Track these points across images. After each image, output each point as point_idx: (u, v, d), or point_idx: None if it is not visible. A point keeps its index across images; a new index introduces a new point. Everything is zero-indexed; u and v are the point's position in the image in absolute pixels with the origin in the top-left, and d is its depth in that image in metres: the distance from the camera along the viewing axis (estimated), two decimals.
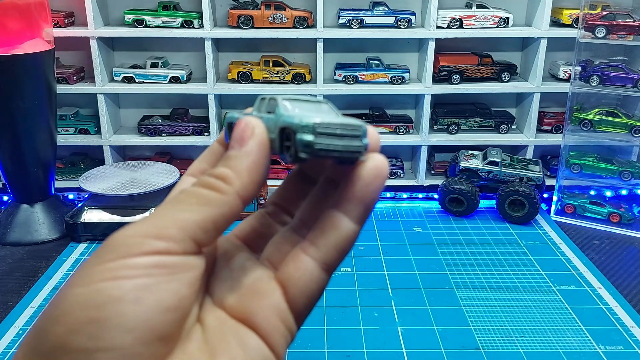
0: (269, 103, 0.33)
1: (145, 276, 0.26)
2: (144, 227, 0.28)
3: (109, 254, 0.27)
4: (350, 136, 0.29)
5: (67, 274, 0.91)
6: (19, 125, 0.98)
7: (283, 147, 0.30)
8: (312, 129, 0.28)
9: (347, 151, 0.29)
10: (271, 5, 1.15)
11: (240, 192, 0.29)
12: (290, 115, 0.30)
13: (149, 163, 1.17)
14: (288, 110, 0.30)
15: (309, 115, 0.30)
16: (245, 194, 0.29)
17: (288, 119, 0.29)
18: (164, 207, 0.29)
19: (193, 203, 0.29)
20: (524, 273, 0.92)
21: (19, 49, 0.94)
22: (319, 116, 0.29)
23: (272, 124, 0.30)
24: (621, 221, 1.08)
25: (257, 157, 0.30)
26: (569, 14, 1.17)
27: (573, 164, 1.15)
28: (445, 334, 0.77)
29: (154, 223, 0.28)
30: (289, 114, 0.30)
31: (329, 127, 0.29)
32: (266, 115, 0.31)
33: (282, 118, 0.30)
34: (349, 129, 0.29)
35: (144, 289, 0.26)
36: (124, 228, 0.28)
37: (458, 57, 1.21)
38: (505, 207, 1.09)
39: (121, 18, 1.18)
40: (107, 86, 1.19)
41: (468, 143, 1.23)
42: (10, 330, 0.77)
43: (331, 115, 0.31)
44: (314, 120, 0.28)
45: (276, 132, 0.30)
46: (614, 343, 0.75)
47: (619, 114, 1.12)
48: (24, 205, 1.04)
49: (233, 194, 0.29)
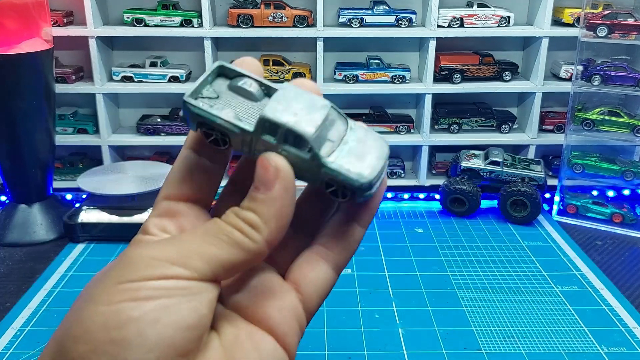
0: (247, 88, 0.30)
1: (166, 297, 0.27)
2: (169, 251, 0.28)
3: (130, 273, 0.27)
4: (382, 171, 0.31)
5: (65, 275, 0.90)
6: (17, 125, 0.97)
7: (323, 186, 0.30)
8: (370, 185, 0.29)
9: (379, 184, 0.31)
10: (271, 4, 1.15)
11: (268, 240, 0.29)
12: (338, 166, 0.29)
13: (148, 163, 1.16)
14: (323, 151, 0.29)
15: (351, 161, 0.29)
16: (273, 241, 0.30)
17: (340, 175, 0.29)
18: (193, 235, 0.30)
19: (223, 241, 0.29)
20: (525, 274, 0.91)
21: (17, 48, 0.94)
22: (365, 163, 0.29)
23: (305, 164, 0.29)
24: (624, 221, 1.08)
25: (284, 202, 0.29)
26: (571, 13, 1.17)
27: (575, 164, 1.14)
28: (447, 335, 0.76)
29: (179, 250, 0.28)
30: (335, 165, 0.29)
31: (378, 176, 0.30)
32: (289, 149, 0.29)
33: (327, 170, 0.29)
34: (383, 169, 0.30)
35: (164, 309, 0.26)
36: (147, 246, 0.29)
37: (459, 56, 1.20)
38: (507, 208, 1.09)
39: (120, 17, 1.18)
40: (106, 86, 1.18)
41: (469, 143, 1.23)
42: (8, 332, 0.77)
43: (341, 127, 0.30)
44: (371, 176, 0.29)
45: (317, 177, 0.30)
46: (617, 344, 0.75)
47: (621, 113, 1.12)
48: (22, 205, 1.03)
49: (262, 243, 0.29)
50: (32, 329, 0.77)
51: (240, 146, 0.30)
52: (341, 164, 0.29)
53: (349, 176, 0.29)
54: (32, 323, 0.79)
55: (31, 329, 0.77)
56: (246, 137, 0.29)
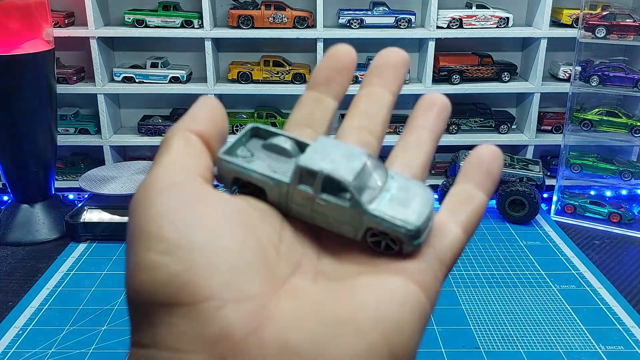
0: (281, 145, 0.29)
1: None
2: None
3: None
4: (429, 221, 0.27)
5: (67, 274, 0.91)
6: (19, 125, 0.98)
7: (366, 238, 0.27)
8: (418, 232, 0.26)
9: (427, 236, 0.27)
10: (271, 5, 1.15)
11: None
12: (381, 212, 0.27)
13: (149, 163, 1.17)
14: (364, 198, 0.27)
15: (395, 207, 0.27)
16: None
17: (384, 222, 0.26)
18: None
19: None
20: (524, 273, 0.92)
21: (19, 49, 0.94)
22: (410, 209, 0.27)
23: (345, 215, 0.27)
24: (621, 221, 1.08)
25: None
26: (569, 14, 1.17)
27: (573, 164, 1.14)
28: (446, 333, 0.77)
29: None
30: (378, 212, 0.27)
31: (425, 223, 0.27)
32: (328, 198, 0.27)
33: (369, 217, 0.27)
34: (430, 216, 0.27)
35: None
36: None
37: (458, 57, 1.21)
38: (506, 207, 1.09)
39: (121, 18, 1.18)
40: (107, 86, 1.19)
41: (468, 143, 1.23)
42: (11, 330, 0.77)
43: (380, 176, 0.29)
44: (418, 222, 0.26)
45: (359, 227, 0.27)
46: (614, 343, 0.75)
47: (619, 114, 1.12)
48: (24, 205, 1.03)
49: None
50: (34, 328, 0.78)
51: (276, 200, 0.28)
52: (384, 210, 0.27)
53: (394, 222, 0.26)
54: (34, 322, 0.79)
55: (33, 328, 0.78)
56: (282, 189, 0.28)
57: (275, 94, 1.21)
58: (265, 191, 0.28)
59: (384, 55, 0.35)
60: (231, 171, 0.29)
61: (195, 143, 0.28)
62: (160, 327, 0.23)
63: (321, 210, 0.28)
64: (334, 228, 0.28)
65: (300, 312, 0.23)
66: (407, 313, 0.25)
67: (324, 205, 0.27)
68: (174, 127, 0.28)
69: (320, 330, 0.23)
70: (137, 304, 0.24)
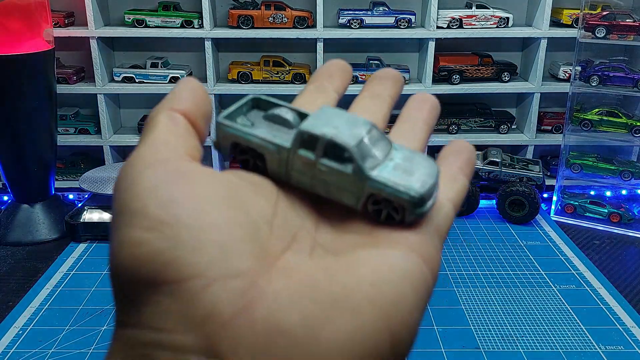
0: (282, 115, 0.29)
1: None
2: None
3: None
4: (433, 193, 0.27)
5: (67, 274, 0.91)
6: (19, 125, 0.97)
7: (367, 206, 0.26)
8: (422, 200, 0.26)
9: (430, 209, 0.27)
10: (271, 5, 1.15)
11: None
12: (384, 179, 0.26)
13: None
14: (368, 165, 0.26)
15: (398, 175, 0.26)
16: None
17: (387, 188, 0.26)
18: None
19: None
20: (524, 273, 0.92)
21: (19, 49, 0.94)
22: (414, 177, 0.26)
23: (347, 181, 0.26)
24: (621, 221, 1.08)
25: None
26: (569, 14, 1.17)
27: (573, 164, 1.14)
28: (446, 333, 0.76)
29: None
30: (381, 177, 0.26)
31: (429, 192, 0.26)
32: (329, 164, 0.27)
33: (371, 183, 0.26)
34: (435, 187, 0.27)
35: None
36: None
37: (458, 57, 1.21)
38: (506, 207, 1.09)
39: (121, 18, 1.18)
40: (107, 86, 1.19)
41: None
42: (11, 330, 0.77)
43: (384, 146, 0.28)
44: (422, 189, 0.26)
45: (360, 194, 0.26)
46: (614, 343, 0.75)
47: (619, 114, 1.12)
48: (24, 205, 1.03)
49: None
50: (34, 328, 0.78)
51: (276, 167, 0.27)
52: (387, 177, 0.26)
53: (397, 188, 0.26)
54: (35, 322, 0.79)
55: (33, 328, 0.78)
56: (283, 155, 0.27)
57: (275, 94, 1.21)
58: (265, 157, 0.27)
59: (383, 70, 0.36)
60: (230, 135, 0.28)
61: (180, 121, 0.27)
62: (145, 306, 0.22)
63: (322, 176, 0.27)
64: (335, 196, 0.27)
65: (293, 291, 0.22)
66: (408, 287, 0.24)
67: (325, 171, 0.26)
68: (157, 106, 0.27)
69: (313, 311, 0.22)
70: (121, 282, 0.23)
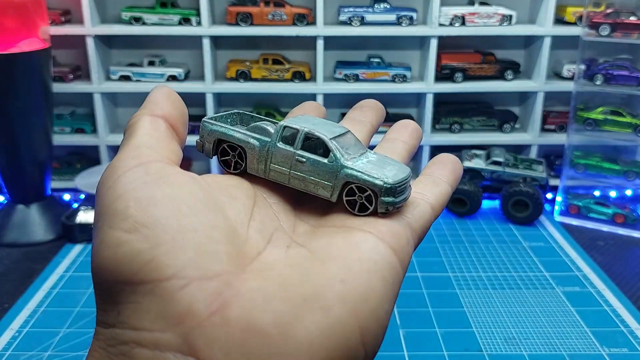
0: (264, 127, 0.31)
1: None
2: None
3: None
4: (405, 189, 0.29)
5: (63, 275, 0.90)
6: (15, 124, 0.96)
7: (341, 196, 0.29)
8: (393, 190, 0.28)
9: (401, 204, 0.29)
10: (270, 2, 1.14)
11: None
12: (359, 167, 0.29)
13: None
14: (343, 156, 0.29)
15: (371, 167, 0.29)
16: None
17: (361, 175, 0.28)
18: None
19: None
20: (527, 274, 0.91)
21: (15, 47, 0.93)
22: (386, 170, 0.29)
23: (323, 171, 0.28)
24: (626, 222, 1.07)
25: None
26: (573, 12, 1.16)
27: (577, 164, 1.13)
28: (448, 336, 0.75)
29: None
30: (356, 166, 0.29)
31: (400, 185, 0.29)
32: (307, 155, 0.29)
33: (346, 171, 0.28)
34: (406, 183, 0.29)
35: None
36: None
37: (461, 55, 1.19)
38: (509, 208, 1.08)
39: (118, 16, 1.17)
40: (103, 85, 1.18)
41: (471, 142, 1.22)
42: (7, 333, 0.76)
43: (359, 149, 0.31)
44: (393, 179, 0.28)
45: (335, 185, 0.29)
46: (619, 345, 0.74)
47: (623, 113, 1.11)
48: (20, 205, 1.02)
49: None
50: (30, 330, 0.77)
51: (256, 164, 0.29)
52: (361, 166, 0.29)
53: (371, 174, 0.28)
54: (31, 324, 0.78)
55: (29, 330, 0.77)
56: (262, 151, 0.29)
57: (275, 93, 1.19)
58: (246, 154, 0.29)
59: (365, 100, 0.44)
60: (214, 133, 0.30)
61: (161, 125, 0.28)
62: (125, 305, 0.22)
63: (299, 168, 0.29)
64: (311, 189, 0.29)
65: (266, 291, 0.23)
66: (377, 280, 0.25)
67: (302, 163, 0.28)
68: (137, 112, 0.28)
69: (285, 310, 0.23)
70: (101, 282, 0.23)
